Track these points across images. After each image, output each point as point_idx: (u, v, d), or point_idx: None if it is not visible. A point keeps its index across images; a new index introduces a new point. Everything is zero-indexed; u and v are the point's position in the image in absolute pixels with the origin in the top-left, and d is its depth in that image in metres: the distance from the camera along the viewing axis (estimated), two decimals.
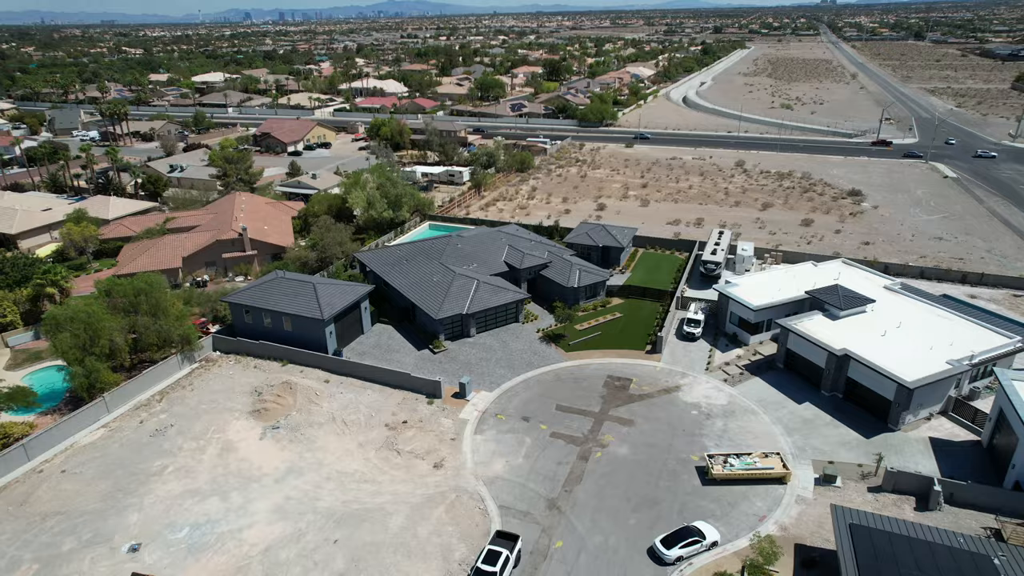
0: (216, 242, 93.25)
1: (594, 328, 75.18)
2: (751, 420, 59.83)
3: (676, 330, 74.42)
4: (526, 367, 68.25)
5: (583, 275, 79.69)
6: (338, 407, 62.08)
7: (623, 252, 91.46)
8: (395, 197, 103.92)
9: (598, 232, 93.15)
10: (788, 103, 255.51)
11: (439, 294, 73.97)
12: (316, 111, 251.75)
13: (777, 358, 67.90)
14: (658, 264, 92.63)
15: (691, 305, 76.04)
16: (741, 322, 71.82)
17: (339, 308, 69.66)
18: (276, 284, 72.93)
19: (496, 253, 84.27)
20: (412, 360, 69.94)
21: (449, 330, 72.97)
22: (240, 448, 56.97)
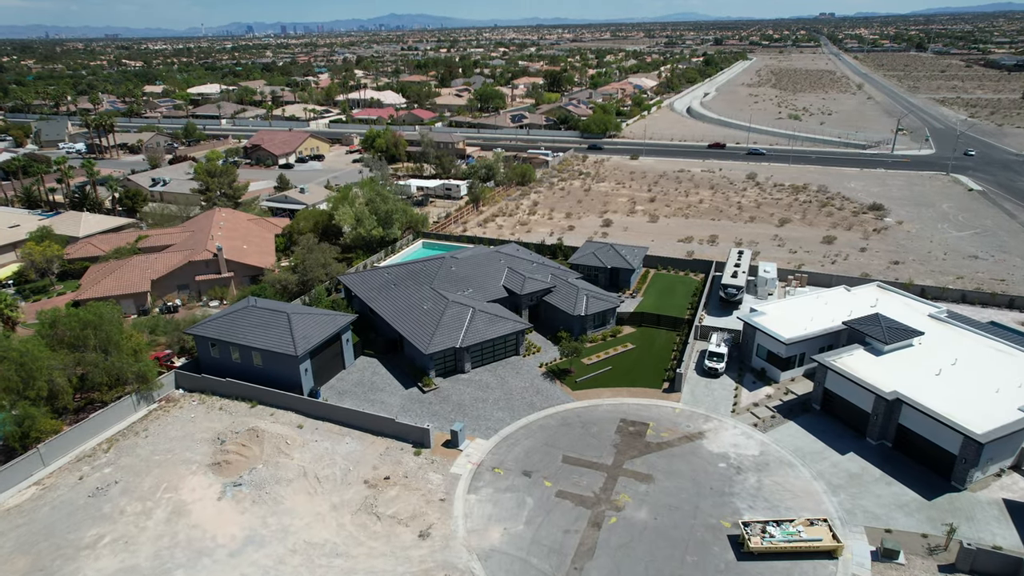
0: (189, 263, 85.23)
1: (604, 362, 67.16)
2: (788, 475, 51.44)
3: (696, 364, 66.31)
4: (527, 409, 60.08)
5: (590, 301, 71.69)
6: (311, 459, 53.75)
7: (633, 274, 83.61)
8: (386, 213, 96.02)
9: (606, 252, 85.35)
10: (796, 113, 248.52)
11: (430, 324, 65.82)
12: (311, 123, 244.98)
13: (813, 398, 59.64)
14: (672, 287, 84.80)
15: (712, 336, 67.97)
16: (770, 356, 63.67)
17: (316, 342, 61.48)
18: (246, 314, 64.77)
19: (494, 276, 76.31)
20: (398, 401, 61.73)
21: (441, 365, 64.83)
22: (193, 511, 48.55)
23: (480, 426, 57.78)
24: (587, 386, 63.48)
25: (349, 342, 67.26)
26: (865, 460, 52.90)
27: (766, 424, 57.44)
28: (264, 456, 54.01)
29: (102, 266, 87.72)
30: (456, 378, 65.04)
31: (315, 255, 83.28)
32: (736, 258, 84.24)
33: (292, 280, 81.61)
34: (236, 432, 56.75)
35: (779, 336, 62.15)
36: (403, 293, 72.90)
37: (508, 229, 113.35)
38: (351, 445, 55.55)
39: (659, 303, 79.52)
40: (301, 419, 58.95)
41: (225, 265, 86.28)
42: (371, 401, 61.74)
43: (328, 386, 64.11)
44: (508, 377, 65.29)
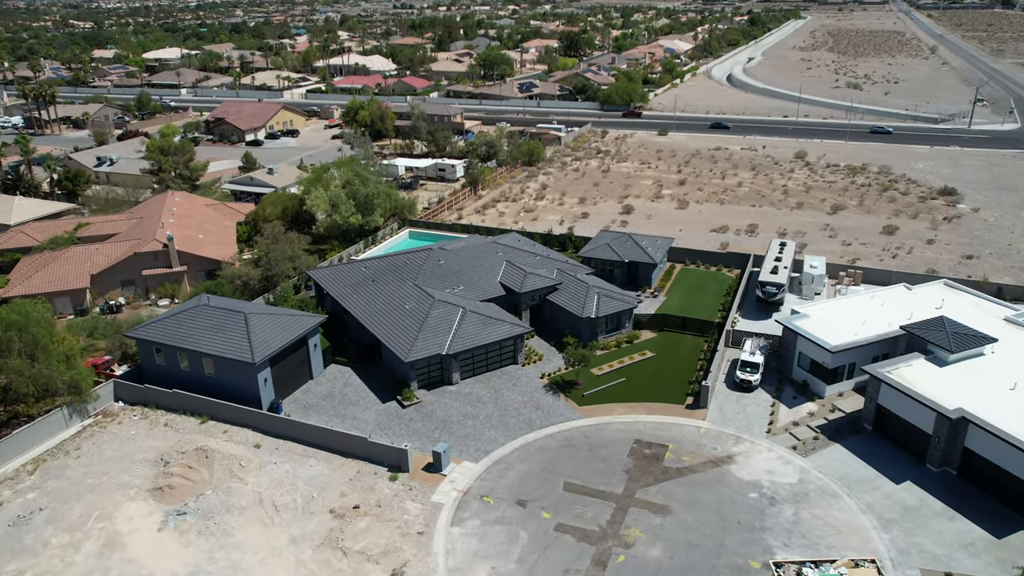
0: (135, 255, 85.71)
1: (617, 373, 66.91)
2: (831, 507, 50.95)
3: (726, 376, 65.90)
4: (525, 427, 59.89)
5: (602, 301, 71.42)
6: (269, 484, 53.78)
7: (655, 269, 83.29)
8: (365, 198, 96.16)
9: (623, 243, 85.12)
10: (856, 82, 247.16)
11: (411, 327, 65.76)
12: (285, 93, 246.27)
13: (864, 417, 59.06)
14: (701, 285, 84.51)
15: (746, 342, 67.51)
16: (814, 367, 63.13)
17: (277, 347, 61.54)
18: (197, 314, 64.95)
19: (490, 271, 76.20)
20: (373, 416, 61.72)
21: (424, 375, 64.74)
22: (129, 544, 48.70)
23: (468, 447, 57.62)
24: (596, 401, 63.23)
25: (318, 348, 67.30)
26: (924, 490, 52.27)
27: (807, 447, 56.92)
28: (214, 480, 54.08)
29: (35, 258, 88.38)
30: (442, 390, 64.93)
31: (281, 246, 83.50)
32: (778, 251, 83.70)
33: (254, 275, 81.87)
34: (182, 452, 56.88)
35: (824, 343, 61.58)
36: (382, 291, 72.94)
37: (511, 217, 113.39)
38: (316, 468, 55.53)
39: (685, 303, 79.22)
40: (259, 437, 59.01)
41: (176, 258, 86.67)
42: (341, 417, 61.74)
43: (292, 399, 64.18)
44: (503, 390, 65.10)
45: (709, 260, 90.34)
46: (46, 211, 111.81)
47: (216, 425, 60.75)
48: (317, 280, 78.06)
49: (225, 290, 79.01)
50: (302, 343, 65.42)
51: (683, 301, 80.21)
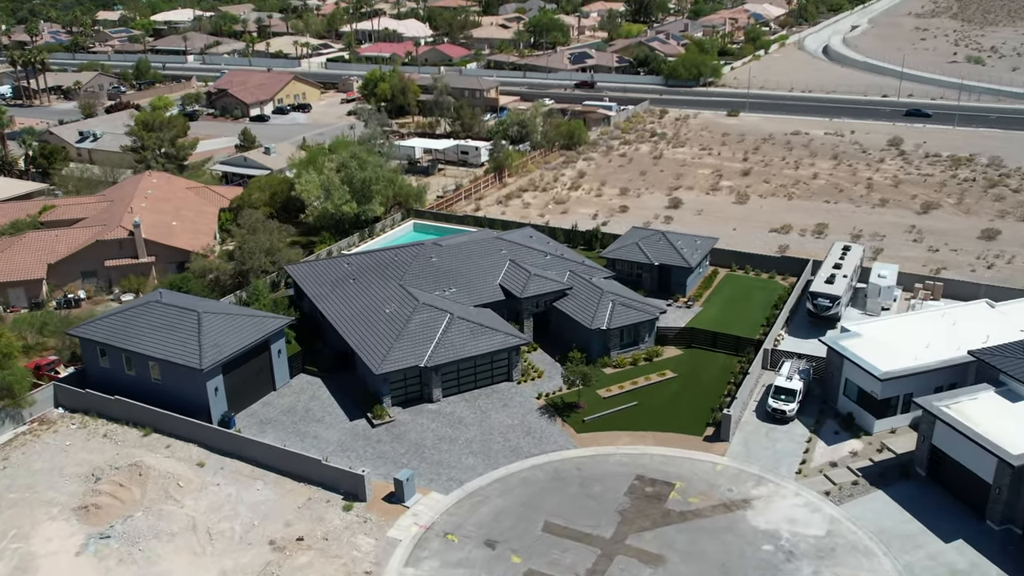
0: (97, 243, 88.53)
1: (627, 396, 66.38)
2: (861, 566, 49.48)
3: (758, 403, 64.65)
4: (510, 455, 59.87)
5: (617, 311, 70.85)
6: (207, 508, 54.93)
7: (692, 275, 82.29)
8: (362, 184, 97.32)
9: (655, 243, 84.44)
10: (978, 55, 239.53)
11: (388, 334, 66.34)
12: (303, 61, 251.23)
13: (916, 460, 57.18)
14: (746, 294, 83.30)
15: (783, 364, 66.10)
16: (861, 397, 61.45)
17: (231, 352, 62.82)
18: (148, 311, 66.77)
19: (489, 272, 76.41)
20: (337, 436, 62.48)
21: (400, 390, 65.30)
22: (43, 567, 50.33)
23: (440, 476, 57.81)
24: (599, 427, 62.81)
25: (283, 354, 68.42)
26: (978, 551, 50.31)
27: (843, 493, 55.40)
28: (145, 501, 55.47)
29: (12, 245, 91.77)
30: (420, 408, 65.32)
31: (258, 237, 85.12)
32: (839, 255, 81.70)
33: (226, 269, 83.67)
34: (117, 468, 58.48)
35: (873, 368, 59.85)
36: (361, 291, 73.79)
37: (537, 208, 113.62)
38: (263, 492, 56.44)
39: (723, 316, 78.14)
40: (204, 454, 60.28)
41: (143, 247, 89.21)
42: (301, 435, 62.65)
43: (248, 412, 65.42)
44: (491, 410, 65.14)
45: (761, 265, 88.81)
46: (15, 192, 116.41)
47: (160, 438, 62.29)
48: (294, 277, 79.41)
49: (192, 286, 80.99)
50: (263, 348, 66.59)
51: (721, 313, 79.09)
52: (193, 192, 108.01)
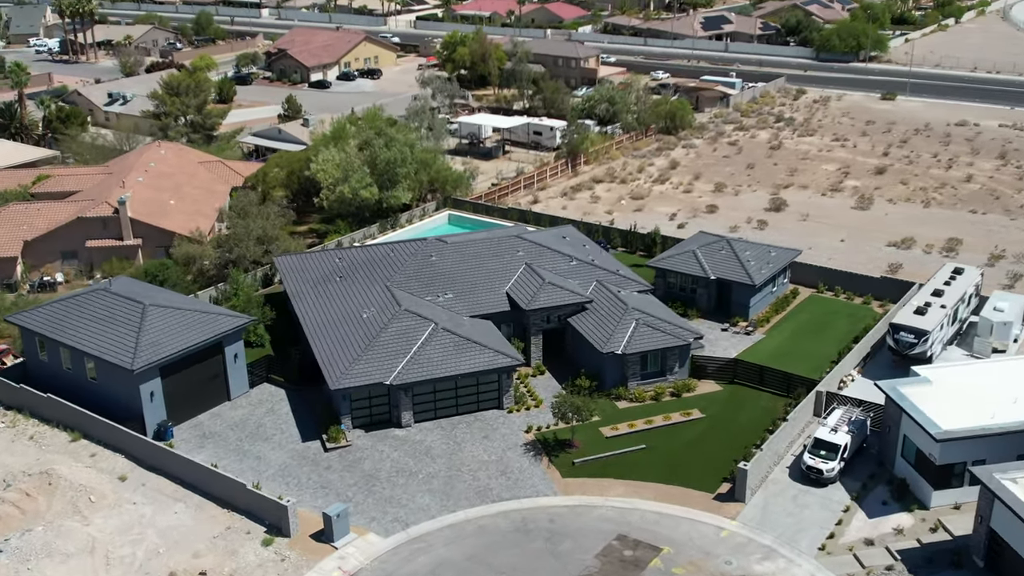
0: (79, 220, 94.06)
1: (636, 438, 65.77)
2: None
3: (796, 459, 62.67)
4: (475, 498, 60.24)
5: (640, 332, 70.10)
6: (114, 529, 57.76)
7: (757, 294, 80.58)
8: (387, 165, 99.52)
9: (716, 252, 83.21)
10: None
11: (358, 344, 67.85)
12: (390, 19, 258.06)
13: (972, 546, 54.04)
14: (827, 321, 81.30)
15: (832, 412, 63.87)
16: (919, 460, 58.62)
17: (173, 352, 65.78)
18: (94, 301, 70.69)
19: (497, 276, 77.06)
20: (283, 458, 64.43)
21: (364, 411, 66.82)
22: None
23: (385, 515, 58.76)
24: (590, 472, 62.40)
25: (240, 360, 71.01)
26: None
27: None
28: (50, 515, 58.77)
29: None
30: (385, 434, 66.52)
31: (250, 223, 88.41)
32: (945, 279, 78.01)
33: (210, 257, 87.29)
34: (29, 474, 62.18)
35: (931, 424, 56.93)
36: (344, 291, 75.73)
37: (607, 204, 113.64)
38: (180, 516, 58.81)
39: (788, 348, 76.47)
40: (130, 467, 63.29)
41: (129, 227, 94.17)
42: (243, 454, 64.89)
43: (193, 423, 68.24)
44: (468, 442, 65.67)
45: (856, 287, 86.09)
46: (21, 158, 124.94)
47: (87, 445, 65.81)
48: (280, 270, 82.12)
49: (171, 275, 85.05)
50: (215, 351, 69.25)
51: (787, 344, 77.29)
52: (205, 167, 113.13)
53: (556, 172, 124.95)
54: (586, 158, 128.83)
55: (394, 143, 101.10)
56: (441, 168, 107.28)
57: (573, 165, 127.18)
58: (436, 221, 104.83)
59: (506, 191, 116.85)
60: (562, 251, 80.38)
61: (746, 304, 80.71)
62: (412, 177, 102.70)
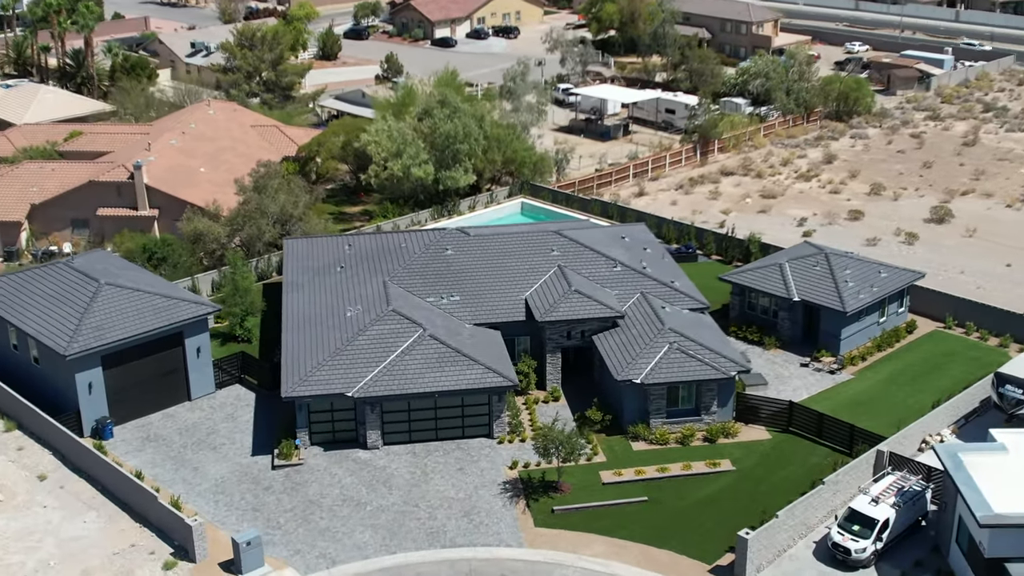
0: (90, 184, 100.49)
1: (640, 487, 65.18)
2: None
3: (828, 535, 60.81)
4: (424, 540, 61.18)
5: (668, 360, 69.34)
6: (13, 534, 61.85)
7: (851, 325, 78.31)
8: (446, 140, 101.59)
9: (808, 268, 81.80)
10: None
11: (329, 345, 70.05)
12: None
13: None
14: (943, 365, 79.63)
15: (882, 479, 61.61)
16: (971, 549, 55.75)
17: (116, 339, 69.67)
18: (52, 275, 75.75)
19: (519, 279, 77.94)
20: (223, 471, 67.35)
21: (326, 426, 69.19)
22: None
23: (312, 549, 60.47)
24: (570, 524, 62.18)
25: (205, 355, 74.56)
26: None
27: None
28: None
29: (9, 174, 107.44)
30: (346, 455, 68.40)
31: (266, 198, 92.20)
32: None
33: (218, 233, 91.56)
34: None
35: (980, 506, 54.07)
36: (341, 282, 78.14)
37: (727, 201, 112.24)
38: (88, 526, 62.41)
39: (875, 394, 75.12)
40: (54, 466, 67.58)
41: (145, 196, 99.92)
42: (180, 463, 68.12)
43: (140, 423, 72.14)
44: (438, 473, 66.67)
45: (994, 325, 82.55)
46: (72, 112, 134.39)
47: (19, 437, 70.69)
48: (285, 256, 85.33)
49: (171, 252, 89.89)
50: (173, 342, 72.94)
51: (878, 388, 75.58)
52: (257, 132, 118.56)
53: (680, 159, 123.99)
54: (721, 144, 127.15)
55: (458, 114, 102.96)
56: (520, 148, 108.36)
57: (702, 152, 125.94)
58: (505, 209, 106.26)
59: (609, 179, 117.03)
60: (608, 254, 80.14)
61: (836, 334, 78.41)
62: (480, 156, 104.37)
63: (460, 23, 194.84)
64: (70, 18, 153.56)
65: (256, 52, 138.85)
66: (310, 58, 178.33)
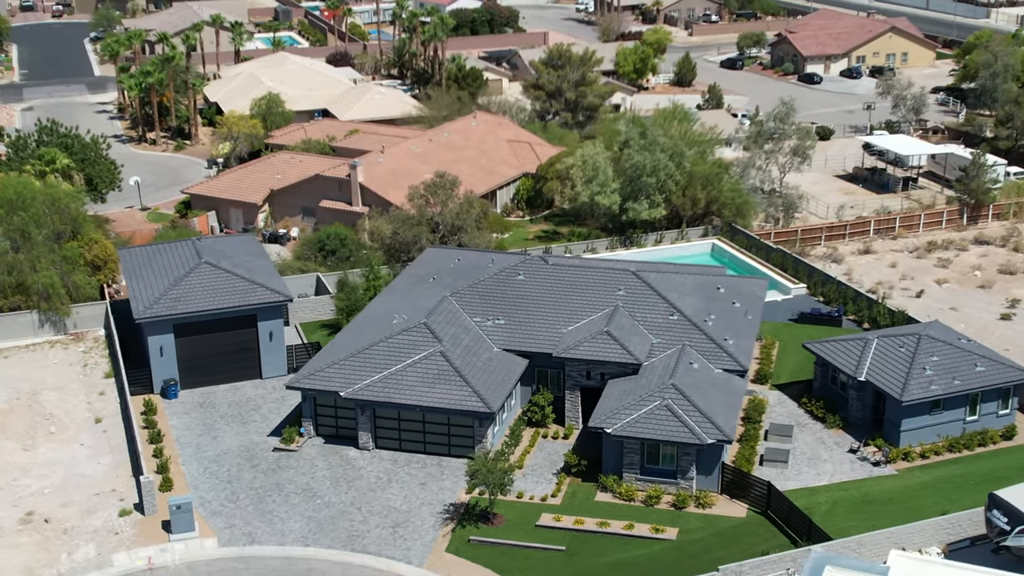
0: (316, 178, 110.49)
1: (566, 537, 63.65)
2: None
3: None
4: (341, 541, 63.75)
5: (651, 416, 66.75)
6: (38, 463, 71.68)
7: (915, 417, 70.89)
8: (634, 171, 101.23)
9: (896, 348, 74.70)
10: None
11: (349, 347, 74.14)
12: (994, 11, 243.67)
13: None
14: (1012, 477, 68.54)
15: None
16: None
17: (190, 311, 77.74)
18: (174, 250, 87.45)
19: (571, 313, 77.33)
20: (231, 445, 73.24)
21: (330, 420, 73.34)
22: None
23: (245, 525, 64.76)
24: (479, 556, 61.98)
25: (278, 339, 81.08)
26: None
27: None
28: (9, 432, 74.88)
29: (253, 163, 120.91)
30: (339, 451, 72.04)
31: (427, 207, 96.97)
32: None
33: (384, 232, 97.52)
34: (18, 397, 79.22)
35: None
36: (420, 291, 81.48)
37: (955, 270, 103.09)
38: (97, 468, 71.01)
39: (903, 496, 67.47)
40: (114, 412, 77.21)
41: (359, 194, 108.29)
42: (205, 430, 75.05)
43: (206, 391, 79.91)
44: (401, 483, 68.63)
45: None
46: (389, 113, 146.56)
47: (109, 384, 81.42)
48: (418, 261, 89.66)
49: (338, 245, 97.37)
50: (246, 323, 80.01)
51: (910, 492, 67.63)
52: (509, 147, 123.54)
53: (940, 220, 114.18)
54: (997, 210, 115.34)
55: (654, 146, 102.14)
56: (727, 188, 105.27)
57: (971, 216, 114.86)
58: (693, 249, 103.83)
59: (843, 231, 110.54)
60: (673, 301, 77.39)
61: (897, 425, 70.87)
62: (675, 191, 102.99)
63: (836, 60, 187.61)
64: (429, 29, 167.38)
65: (559, 72, 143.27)
66: (661, 83, 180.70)
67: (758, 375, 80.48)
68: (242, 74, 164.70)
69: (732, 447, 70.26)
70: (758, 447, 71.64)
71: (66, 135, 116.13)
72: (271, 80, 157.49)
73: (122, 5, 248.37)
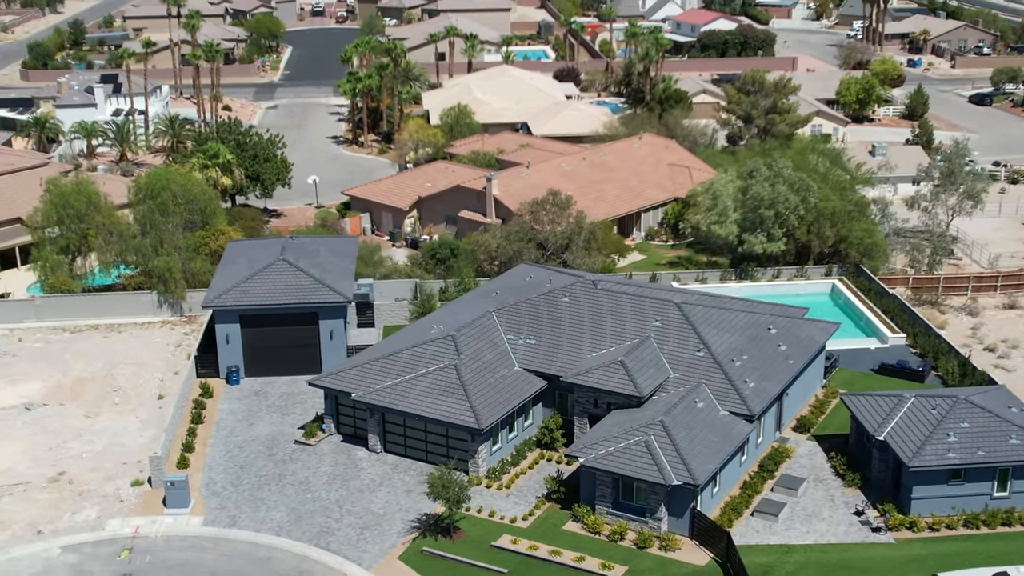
0: (457, 188, 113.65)
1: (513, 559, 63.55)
2: None
3: None
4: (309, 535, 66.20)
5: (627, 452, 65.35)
6: (94, 429, 78.16)
7: (928, 487, 66.32)
8: (754, 203, 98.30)
9: (927, 409, 69.68)
10: None
11: (376, 352, 76.50)
12: None
13: None
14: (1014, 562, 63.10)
15: None
16: None
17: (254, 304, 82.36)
18: (261, 247, 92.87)
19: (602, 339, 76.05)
20: (262, 433, 76.99)
21: (349, 419, 75.93)
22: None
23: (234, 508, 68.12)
24: (427, 567, 62.82)
25: (339, 338, 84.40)
26: None
27: None
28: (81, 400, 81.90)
29: (424, 167, 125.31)
30: (352, 450, 74.54)
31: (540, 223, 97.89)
32: None
33: (490, 246, 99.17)
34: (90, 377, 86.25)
35: None
36: (475, 305, 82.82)
37: None
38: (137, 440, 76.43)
39: (882, 569, 62.78)
40: (177, 392, 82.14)
41: (492, 206, 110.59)
42: (246, 418, 79.29)
43: (267, 380, 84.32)
44: (389, 489, 70.00)
45: None
46: (578, 130, 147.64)
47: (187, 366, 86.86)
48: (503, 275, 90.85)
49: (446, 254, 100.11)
50: (308, 319, 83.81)
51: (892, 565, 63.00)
52: (670, 170, 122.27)
53: None
54: None
55: (780, 179, 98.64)
56: (856, 227, 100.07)
57: None
58: (810, 288, 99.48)
59: (995, 282, 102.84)
60: (706, 338, 74.97)
61: (909, 491, 66.12)
62: (798, 227, 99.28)
63: None
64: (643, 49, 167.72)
65: (751, 98, 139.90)
66: (890, 115, 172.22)
67: (799, 423, 76.93)
68: (459, 85, 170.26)
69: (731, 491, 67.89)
70: (756, 497, 68.56)
71: (242, 133, 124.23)
72: (482, 92, 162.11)
73: (399, 14, 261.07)
